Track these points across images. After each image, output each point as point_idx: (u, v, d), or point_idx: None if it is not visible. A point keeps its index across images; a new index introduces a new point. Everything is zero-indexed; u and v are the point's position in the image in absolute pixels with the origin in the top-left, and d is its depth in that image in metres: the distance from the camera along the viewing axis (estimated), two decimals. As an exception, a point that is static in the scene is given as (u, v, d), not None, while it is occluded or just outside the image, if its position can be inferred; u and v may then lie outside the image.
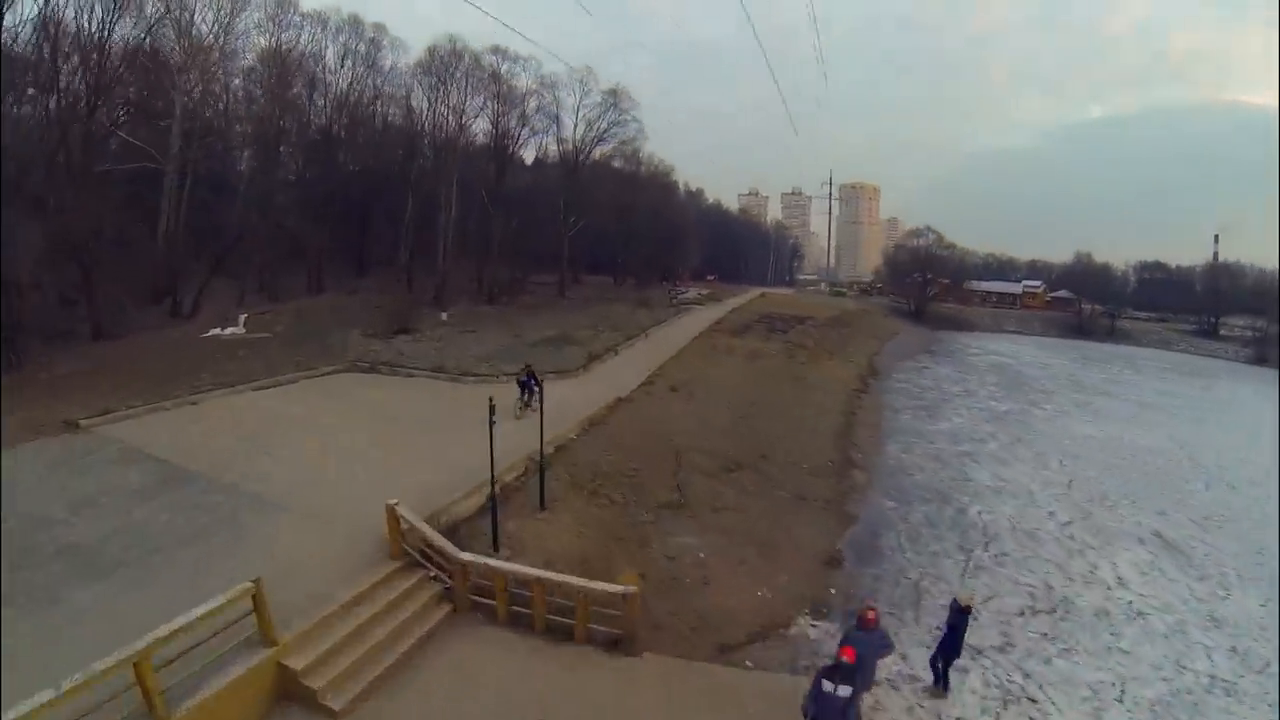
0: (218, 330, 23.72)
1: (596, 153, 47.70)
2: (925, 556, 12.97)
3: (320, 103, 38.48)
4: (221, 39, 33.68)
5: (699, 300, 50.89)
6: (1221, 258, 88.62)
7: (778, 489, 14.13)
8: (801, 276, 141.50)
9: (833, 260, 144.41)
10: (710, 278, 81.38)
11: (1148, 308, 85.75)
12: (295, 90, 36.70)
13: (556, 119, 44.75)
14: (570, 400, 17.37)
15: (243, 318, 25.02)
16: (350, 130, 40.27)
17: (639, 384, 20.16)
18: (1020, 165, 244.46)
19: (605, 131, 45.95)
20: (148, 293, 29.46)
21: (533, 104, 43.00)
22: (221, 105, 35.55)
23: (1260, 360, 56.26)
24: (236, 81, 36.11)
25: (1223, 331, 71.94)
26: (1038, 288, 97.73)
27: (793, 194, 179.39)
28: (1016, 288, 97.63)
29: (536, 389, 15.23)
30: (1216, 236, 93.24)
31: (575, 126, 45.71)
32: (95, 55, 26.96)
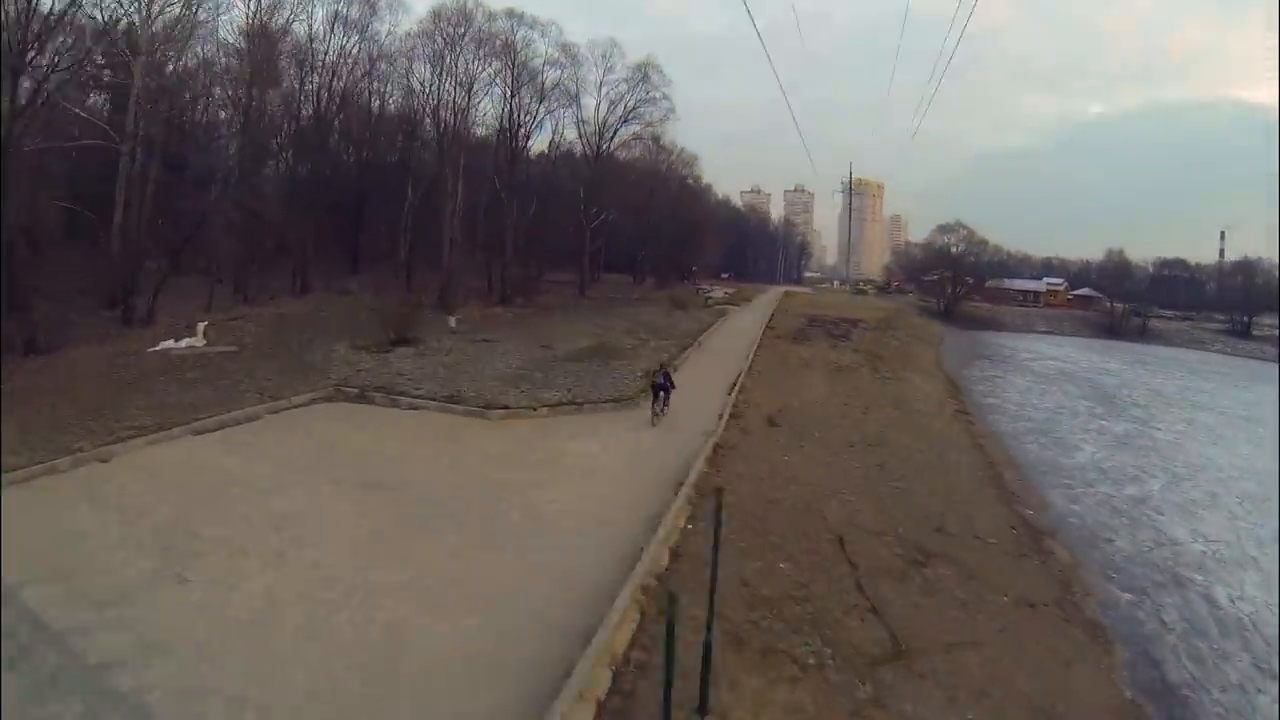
0: (170, 342, 18.55)
1: (620, 136, 42.51)
2: (1233, 694, 8.80)
3: (308, 75, 33.13)
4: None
5: (730, 300, 46.11)
6: (1228, 255, 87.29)
7: (991, 590, 9.41)
8: (809, 274, 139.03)
9: (839, 257, 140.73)
10: (725, 276, 77.47)
11: (1167, 306, 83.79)
12: (278, 60, 31.51)
13: (576, 98, 39.61)
14: (649, 446, 12.65)
15: (202, 326, 19.70)
16: (342, 106, 34.89)
17: (726, 415, 15.19)
18: (1022, 163, 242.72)
19: (632, 111, 40.77)
20: (102, 295, 24.58)
21: (551, 76, 37.73)
22: (197, 78, 30.52)
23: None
24: (210, 48, 31.01)
25: (1254, 331, 70.51)
26: (1060, 286, 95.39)
27: (796, 191, 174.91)
28: (1040, 286, 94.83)
29: (669, 392, 14.72)
30: (1223, 233, 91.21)
31: (599, 105, 40.69)
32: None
